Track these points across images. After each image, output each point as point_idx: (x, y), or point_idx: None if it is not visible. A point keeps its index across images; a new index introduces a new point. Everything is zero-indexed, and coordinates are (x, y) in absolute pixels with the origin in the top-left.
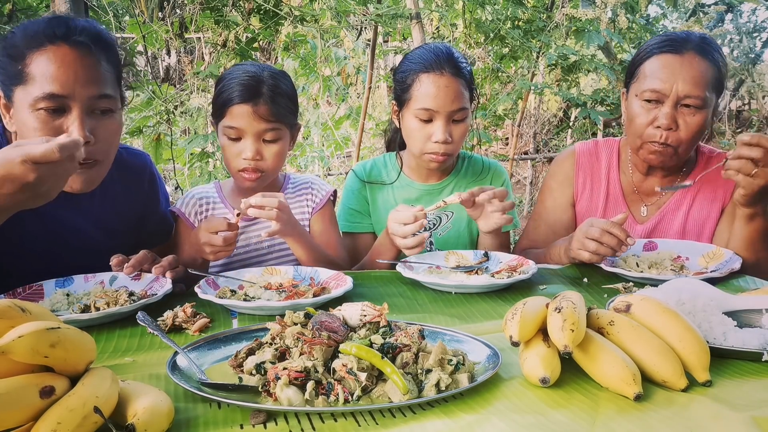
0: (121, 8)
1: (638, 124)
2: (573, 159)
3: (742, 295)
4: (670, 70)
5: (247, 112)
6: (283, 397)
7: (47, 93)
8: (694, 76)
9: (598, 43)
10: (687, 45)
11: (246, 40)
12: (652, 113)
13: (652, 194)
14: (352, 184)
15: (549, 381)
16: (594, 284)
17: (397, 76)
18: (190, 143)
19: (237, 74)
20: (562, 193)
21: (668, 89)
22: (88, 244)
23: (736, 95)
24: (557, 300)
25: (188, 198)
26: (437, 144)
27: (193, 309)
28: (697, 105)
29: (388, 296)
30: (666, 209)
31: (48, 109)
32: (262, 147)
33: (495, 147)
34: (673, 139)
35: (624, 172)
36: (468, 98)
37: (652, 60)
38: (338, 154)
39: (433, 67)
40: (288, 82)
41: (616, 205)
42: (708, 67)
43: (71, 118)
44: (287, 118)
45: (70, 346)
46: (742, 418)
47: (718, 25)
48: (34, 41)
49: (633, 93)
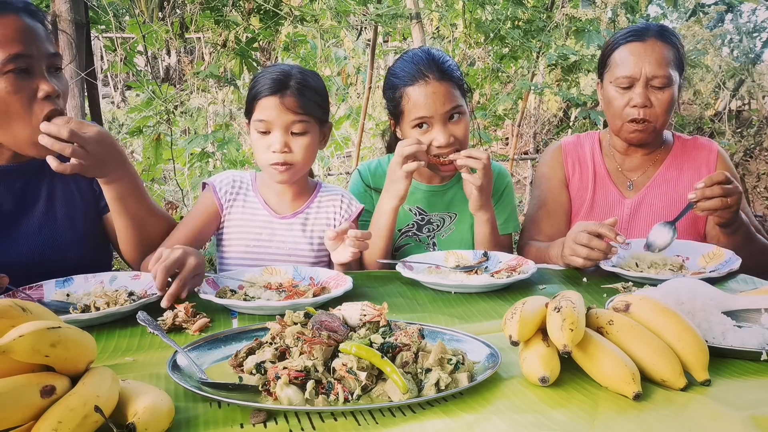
0: (121, 8)
1: (616, 107)
2: (560, 149)
3: (741, 295)
4: (637, 56)
5: (274, 104)
6: (283, 396)
7: (11, 54)
8: (658, 59)
9: (598, 43)
10: (648, 33)
11: (246, 40)
12: (627, 95)
13: (636, 170)
14: (358, 186)
15: (548, 380)
16: (593, 284)
17: (386, 94)
18: (190, 143)
19: (268, 72)
20: (555, 175)
21: (638, 73)
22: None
23: (736, 95)
24: (556, 299)
25: (226, 176)
26: (440, 148)
27: (193, 309)
28: (663, 83)
29: (388, 296)
30: (651, 184)
31: (15, 70)
32: (291, 140)
33: (495, 147)
34: (649, 114)
35: (606, 154)
36: (461, 95)
37: (620, 50)
38: (338, 154)
39: (416, 77)
40: (317, 79)
41: (604, 183)
42: (669, 49)
43: (38, 77)
44: (315, 110)
45: (70, 345)
46: (741, 417)
47: (718, 25)
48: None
49: (607, 81)
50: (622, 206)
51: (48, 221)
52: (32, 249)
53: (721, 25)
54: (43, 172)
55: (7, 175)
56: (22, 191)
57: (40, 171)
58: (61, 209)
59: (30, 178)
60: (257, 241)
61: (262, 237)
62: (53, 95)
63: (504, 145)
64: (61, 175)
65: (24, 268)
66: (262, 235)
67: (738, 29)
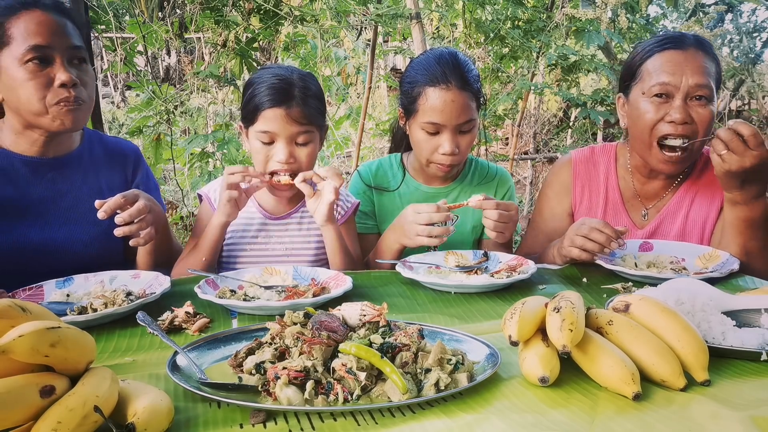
0: (121, 8)
1: (647, 121)
2: (570, 168)
3: (741, 295)
4: (676, 63)
5: (279, 116)
6: (282, 396)
7: (32, 45)
8: (701, 68)
9: (598, 43)
10: (687, 41)
11: (246, 40)
12: (662, 109)
13: (653, 197)
14: (359, 186)
15: (548, 380)
16: (593, 284)
17: (404, 86)
18: (190, 143)
19: (266, 78)
20: (559, 203)
21: (678, 81)
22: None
23: (736, 95)
24: (556, 300)
25: (217, 184)
26: (444, 156)
27: (193, 309)
28: (707, 95)
29: (388, 296)
30: (666, 212)
31: (35, 59)
32: (295, 150)
33: (495, 147)
34: (690, 132)
35: (622, 176)
36: (475, 108)
37: (655, 58)
38: (338, 154)
39: (439, 80)
40: (316, 84)
41: (616, 210)
42: (710, 62)
43: (56, 67)
44: (318, 119)
45: (70, 345)
46: (741, 417)
47: (718, 25)
48: (9, 10)
49: (637, 92)
50: (633, 237)
51: (72, 215)
52: (54, 240)
53: (721, 25)
54: (74, 166)
55: (40, 165)
56: (52, 182)
57: (72, 164)
58: (87, 205)
59: (61, 170)
60: (254, 244)
61: (258, 240)
62: (69, 84)
63: (504, 145)
64: (92, 170)
65: (44, 259)
66: (259, 238)
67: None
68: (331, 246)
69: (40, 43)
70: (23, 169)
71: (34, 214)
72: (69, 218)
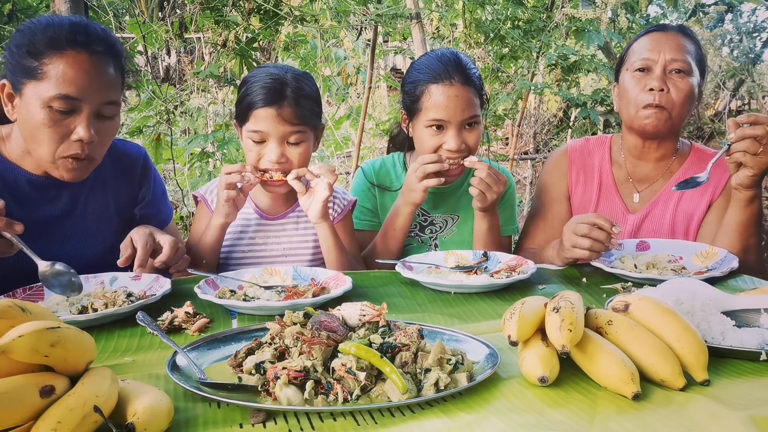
0: (121, 8)
1: (631, 93)
2: (566, 156)
3: (740, 295)
4: (656, 42)
5: (271, 116)
6: (282, 396)
7: (62, 94)
8: (678, 45)
9: (598, 43)
10: (669, 26)
11: (246, 40)
12: (643, 81)
13: (644, 180)
14: (362, 183)
15: (547, 380)
16: (593, 284)
17: (406, 87)
18: (190, 143)
19: (260, 77)
20: (557, 187)
21: (656, 56)
22: (79, 229)
23: (736, 95)
24: (555, 300)
25: (213, 185)
26: (450, 152)
27: (192, 309)
28: (683, 69)
29: (388, 296)
30: (657, 199)
31: (60, 109)
32: (287, 150)
33: (495, 147)
34: (665, 100)
35: (616, 163)
36: (479, 104)
37: (639, 41)
38: (338, 154)
39: (442, 76)
40: (311, 84)
41: (609, 195)
42: (690, 43)
43: (80, 119)
44: (311, 120)
45: (70, 345)
46: (741, 417)
47: (718, 25)
48: (55, 43)
49: (624, 72)
50: (625, 222)
51: (76, 232)
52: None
53: (721, 25)
54: (80, 184)
55: (45, 186)
56: (57, 201)
57: (78, 182)
58: (92, 222)
59: (67, 189)
60: (251, 244)
61: (255, 240)
62: (86, 141)
63: (504, 145)
64: (99, 185)
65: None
66: (256, 238)
67: (738, 29)
68: (326, 244)
69: (71, 95)
70: (28, 188)
71: (37, 233)
72: (72, 235)
